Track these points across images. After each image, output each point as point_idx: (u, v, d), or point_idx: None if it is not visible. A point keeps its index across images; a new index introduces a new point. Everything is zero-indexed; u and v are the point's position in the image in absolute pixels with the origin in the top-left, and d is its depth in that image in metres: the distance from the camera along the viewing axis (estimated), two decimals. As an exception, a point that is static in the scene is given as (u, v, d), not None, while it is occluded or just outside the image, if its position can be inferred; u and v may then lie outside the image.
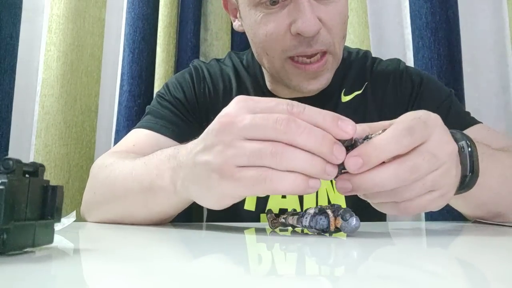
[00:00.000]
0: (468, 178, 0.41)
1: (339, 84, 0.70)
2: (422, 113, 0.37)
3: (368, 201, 0.40)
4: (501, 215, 0.52)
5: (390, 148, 0.34)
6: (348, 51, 0.74)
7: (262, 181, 0.34)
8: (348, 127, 0.34)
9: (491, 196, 0.49)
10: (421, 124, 0.35)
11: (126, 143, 0.65)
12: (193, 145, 0.40)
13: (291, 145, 0.33)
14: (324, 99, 0.69)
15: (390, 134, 0.35)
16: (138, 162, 0.49)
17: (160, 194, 0.45)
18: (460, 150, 0.40)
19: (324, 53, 0.59)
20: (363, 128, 0.37)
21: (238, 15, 0.66)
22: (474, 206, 0.52)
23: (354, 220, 0.37)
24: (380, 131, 0.36)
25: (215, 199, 0.38)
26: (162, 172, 0.44)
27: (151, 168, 0.46)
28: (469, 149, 0.40)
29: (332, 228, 0.37)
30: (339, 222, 0.37)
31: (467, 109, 0.93)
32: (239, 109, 0.35)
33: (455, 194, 0.41)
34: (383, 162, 0.35)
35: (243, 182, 0.35)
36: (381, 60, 0.74)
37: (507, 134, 0.95)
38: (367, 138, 0.35)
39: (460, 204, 0.52)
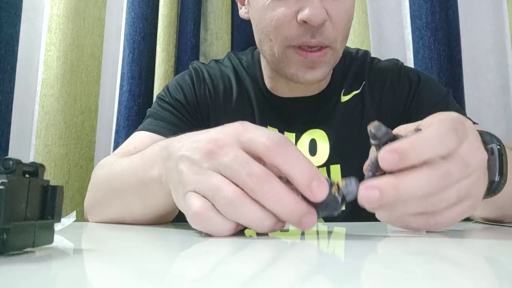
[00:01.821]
0: (495, 183, 0.39)
1: (339, 84, 0.70)
2: (457, 115, 0.35)
3: (392, 216, 0.36)
4: (508, 216, 0.52)
5: (433, 147, 0.32)
6: (348, 51, 0.75)
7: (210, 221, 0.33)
8: (319, 194, 0.32)
9: (510, 199, 0.47)
10: (461, 126, 0.34)
11: (127, 145, 0.65)
12: (186, 141, 0.38)
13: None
14: (324, 100, 0.69)
15: (434, 132, 0.32)
16: (135, 156, 0.49)
17: (150, 185, 0.44)
18: (489, 154, 0.38)
19: (325, 46, 0.59)
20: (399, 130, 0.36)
21: (246, 1, 0.67)
22: (491, 210, 0.51)
23: (359, 184, 0.34)
24: (413, 131, 0.34)
25: (180, 201, 0.37)
26: (154, 162, 0.43)
27: (145, 160, 0.45)
28: (499, 152, 0.39)
29: (334, 188, 0.34)
30: (343, 182, 0.34)
31: (467, 109, 0.93)
32: (228, 137, 0.34)
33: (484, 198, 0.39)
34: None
35: (199, 219, 0.34)
36: (379, 60, 0.75)
37: (507, 134, 0.95)
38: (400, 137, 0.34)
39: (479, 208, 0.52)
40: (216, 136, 0.35)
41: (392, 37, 1.03)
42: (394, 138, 0.34)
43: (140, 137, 0.66)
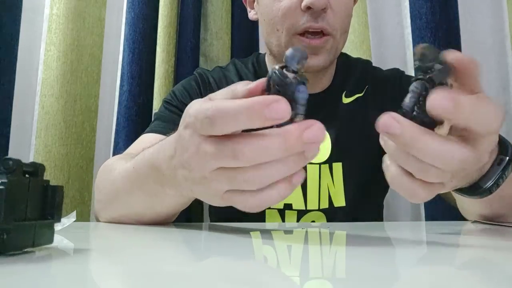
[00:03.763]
0: (481, 189, 0.38)
1: (340, 86, 0.73)
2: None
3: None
4: (502, 215, 0.52)
5: (489, 119, 0.31)
6: (350, 57, 0.79)
7: (249, 202, 0.33)
8: (280, 114, 0.29)
9: (499, 200, 0.47)
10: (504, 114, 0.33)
11: (136, 147, 0.66)
12: (175, 162, 0.38)
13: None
14: (325, 98, 0.71)
15: (492, 105, 0.31)
16: (129, 166, 0.49)
17: (166, 199, 0.45)
18: (496, 163, 0.37)
19: (326, 34, 0.64)
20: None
21: (255, 4, 0.73)
22: (479, 207, 0.52)
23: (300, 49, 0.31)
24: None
25: (217, 205, 0.38)
26: (156, 182, 0.43)
27: (146, 178, 0.46)
28: (505, 166, 0.38)
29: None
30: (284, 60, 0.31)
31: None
32: (190, 138, 0.34)
33: (460, 194, 0.39)
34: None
35: (235, 204, 0.35)
36: (381, 69, 0.80)
37: (507, 134, 0.95)
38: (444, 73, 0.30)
39: (464, 201, 0.52)
40: (180, 136, 0.35)
41: (392, 37, 1.03)
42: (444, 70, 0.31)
43: (149, 139, 0.66)
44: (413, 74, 0.95)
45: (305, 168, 0.33)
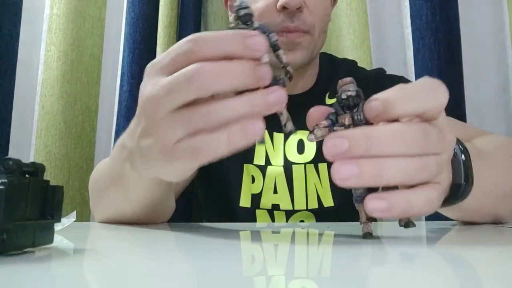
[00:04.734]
0: (462, 187, 0.37)
1: (324, 86, 0.73)
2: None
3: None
4: (499, 217, 0.51)
5: (421, 98, 0.30)
6: (335, 58, 0.80)
7: (199, 152, 0.30)
8: (258, 45, 0.29)
9: (486, 201, 0.46)
10: (444, 92, 0.30)
11: None
12: (133, 125, 0.38)
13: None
14: (309, 99, 0.71)
15: (421, 84, 0.31)
16: (107, 159, 0.52)
17: (130, 184, 0.45)
18: (453, 155, 0.36)
19: (304, 31, 0.64)
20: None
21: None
22: (471, 214, 0.49)
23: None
24: None
25: (173, 175, 0.36)
26: (122, 163, 0.44)
27: (115, 162, 0.47)
28: (463, 156, 0.37)
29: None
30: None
31: (467, 109, 0.93)
32: (151, 79, 0.33)
33: (449, 205, 0.37)
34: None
35: (183, 152, 0.31)
36: (365, 69, 0.81)
37: (507, 134, 0.95)
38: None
39: (456, 214, 0.51)
40: (141, 89, 0.35)
41: (392, 37, 1.03)
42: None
43: None
44: (413, 74, 0.95)
45: (291, 168, 0.32)
